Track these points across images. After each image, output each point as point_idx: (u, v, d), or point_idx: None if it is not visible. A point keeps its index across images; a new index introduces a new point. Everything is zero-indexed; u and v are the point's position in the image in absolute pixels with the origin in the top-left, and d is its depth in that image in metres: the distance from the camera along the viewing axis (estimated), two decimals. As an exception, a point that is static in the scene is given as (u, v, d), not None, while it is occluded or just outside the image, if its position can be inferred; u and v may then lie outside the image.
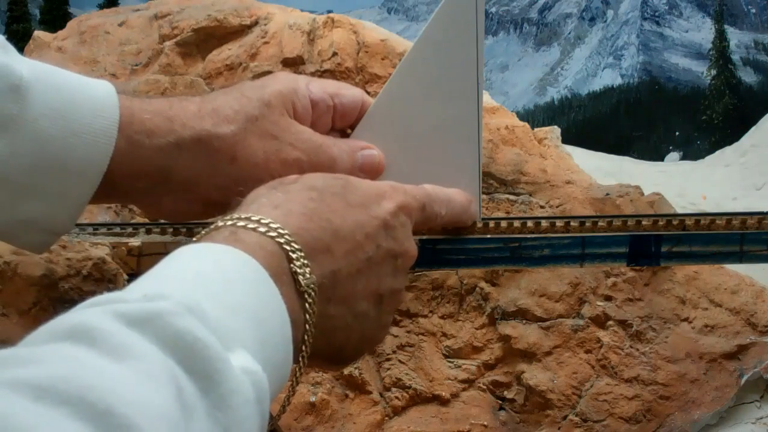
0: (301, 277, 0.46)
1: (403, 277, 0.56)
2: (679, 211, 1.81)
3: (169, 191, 0.64)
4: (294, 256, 0.46)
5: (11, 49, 0.59)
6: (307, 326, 0.47)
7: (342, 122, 0.70)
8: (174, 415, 0.31)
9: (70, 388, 0.28)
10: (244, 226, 0.47)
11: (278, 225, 0.47)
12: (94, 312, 0.34)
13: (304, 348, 0.47)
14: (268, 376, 0.39)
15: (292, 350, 0.44)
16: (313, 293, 0.47)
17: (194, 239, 0.47)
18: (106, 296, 0.36)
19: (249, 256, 0.44)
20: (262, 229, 0.46)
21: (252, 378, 0.37)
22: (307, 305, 0.47)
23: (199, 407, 0.33)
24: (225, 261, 0.43)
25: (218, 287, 0.40)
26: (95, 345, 0.31)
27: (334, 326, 0.51)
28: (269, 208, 0.49)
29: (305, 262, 0.47)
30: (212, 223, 0.48)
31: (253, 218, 0.47)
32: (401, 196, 0.56)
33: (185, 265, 0.42)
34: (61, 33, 1.93)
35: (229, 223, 0.47)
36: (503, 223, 0.67)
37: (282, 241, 0.46)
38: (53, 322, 0.34)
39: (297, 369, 0.47)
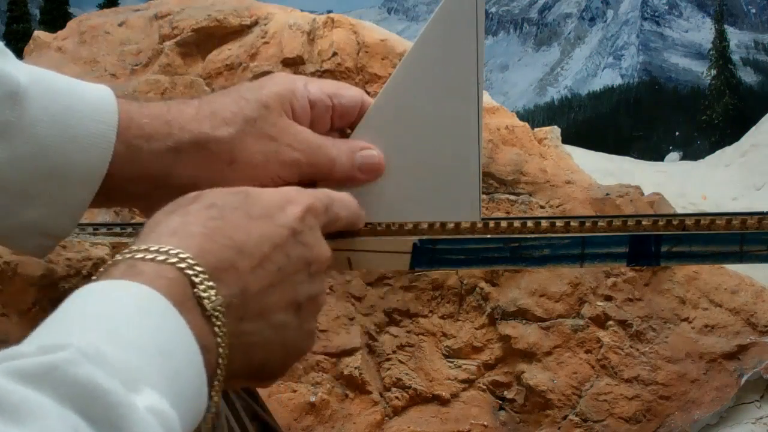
0: (206, 301, 0.45)
1: (320, 281, 0.55)
2: (679, 211, 1.81)
3: (169, 195, 0.64)
4: (197, 280, 0.45)
5: (9, 54, 0.59)
6: (220, 349, 0.45)
7: (341, 122, 0.70)
8: None
9: None
10: (142, 258, 0.45)
11: (178, 250, 0.45)
12: None
13: (219, 372, 0.45)
14: (181, 410, 0.38)
15: (205, 378, 0.43)
16: (220, 315, 0.45)
17: (93, 277, 0.46)
18: (1, 353, 0.35)
19: (149, 287, 0.43)
20: (161, 258, 0.45)
21: (160, 418, 0.36)
22: (216, 329, 0.45)
23: None
24: (124, 297, 0.42)
25: (118, 326, 0.39)
26: None
27: (252, 342, 0.49)
28: (168, 236, 0.48)
29: (210, 284, 0.45)
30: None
31: (151, 248, 0.45)
32: (306, 198, 0.55)
33: (82, 307, 0.41)
34: (61, 33, 1.92)
35: (128, 256, 0.45)
36: (503, 223, 0.67)
37: (183, 266, 0.45)
38: None
39: (214, 393, 0.45)
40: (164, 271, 0.45)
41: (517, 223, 0.67)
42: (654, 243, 0.62)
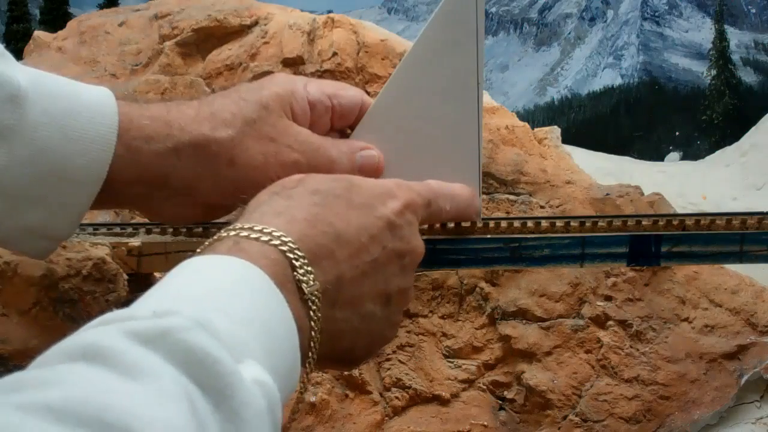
0: (305, 285, 0.46)
1: (411, 275, 0.56)
2: (679, 211, 1.81)
3: (169, 196, 0.64)
4: (297, 264, 0.46)
5: (9, 57, 0.59)
6: (312, 333, 0.47)
7: (341, 123, 0.70)
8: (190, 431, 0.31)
9: (87, 409, 0.28)
10: (246, 236, 0.46)
11: (281, 233, 0.47)
12: (105, 331, 0.34)
13: (310, 354, 0.47)
14: (278, 384, 0.39)
15: (299, 357, 0.44)
16: (317, 300, 0.47)
17: (198, 250, 0.47)
18: (115, 314, 0.36)
19: (253, 265, 0.44)
20: (265, 238, 0.46)
21: (263, 388, 0.37)
22: (311, 312, 0.47)
23: (211, 422, 0.33)
24: (230, 272, 0.43)
25: (225, 299, 0.40)
26: (109, 365, 0.32)
27: (341, 329, 0.51)
28: (272, 216, 0.49)
29: (309, 269, 0.47)
30: (214, 230, 0.48)
31: (255, 228, 0.47)
32: (406, 193, 0.56)
33: (191, 279, 0.42)
34: (61, 33, 1.92)
35: (232, 233, 0.47)
36: (503, 223, 0.67)
37: (285, 249, 0.46)
38: (65, 342, 0.34)
39: (305, 375, 0.47)
40: (267, 251, 0.46)
41: (517, 223, 0.67)
42: (654, 243, 0.62)
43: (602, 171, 2.33)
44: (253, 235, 0.46)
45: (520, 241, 0.64)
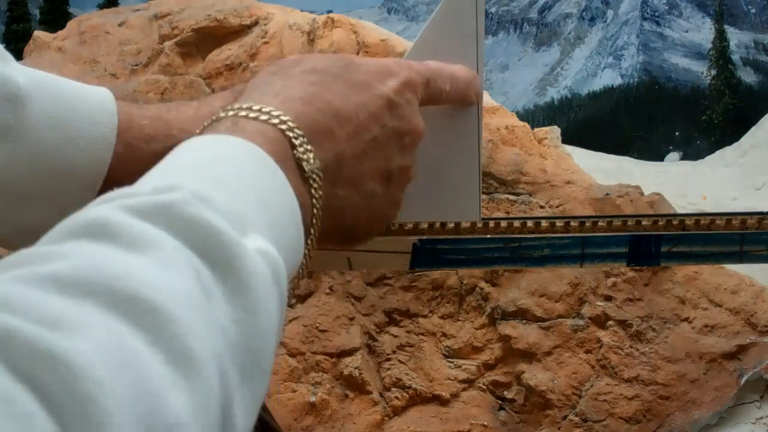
0: (305, 163, 0.46)
1: (412, 154, 0.56)
2: (679, 211, 1.81)
3: None
4: (297, 142, 0.46)
5: (9, 57, 0.59)
6: (314, 210, 0.47)
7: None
8: (197, 298, 0.32)
9: (93, 279, 0.29)
10: (245, 116, 0.46)
11: (279, 112, 0.47)
12: (107, 207, 0.34)
13: (312, 231, 0.47)
14: (282, 257, 0.39)
15: (302, 232, 0.44)
16: (318, 178, 0.47)
17: (197, 131, 0.48)
18: (117, 192, 0.36)
19: (253, 144, 0.44)
20: (264, 117, 0.46)
21: (267, 259, 0.37)
22: (312, 190, 0.47)
23: (217, 292, 0.33)
24: (230, 150, 0.44)
25: (225, 174, 0.41)
26: (113, 239, 0.32)
27: (342, 207, 0.51)
28: (270, 96, 0.49)
29: (308, 147, 0.47)
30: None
31: (254, 107, 0.47)
32: (406, 71, 0.56)
33: (191, 156, 0.43)
34: (61, 33, 1.93)
35: (231, 113, 0.47)
36: (503, 223, 0.67)
37: (284, 128, 0.46)
38: (67, 221, 0.34)
39: (307, 251, 0.47)
40: (266, 130, 0.46)
41: (517, 223, 0.67)
42: (654, 243, 0.62)
43: (602, 171, 2.33)
44: (252, 115, 0.46)
45: (520, 241, 0.64)
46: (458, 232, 0.66)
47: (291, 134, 0.46)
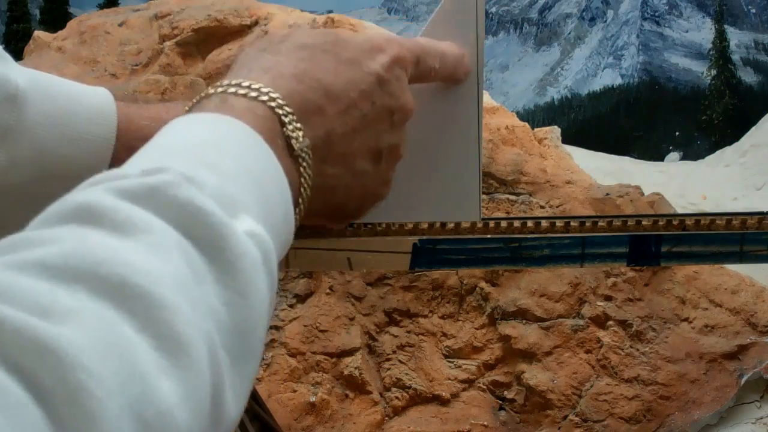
0: (294, 141, 0.46)
1: (402, 132, 0.56)
2: (679, 211, 1.81)
3: None
4: (286, 119, 0.46)
5: (7, 57, 0.59)
6: (302, 189, 0.47)
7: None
8: (187, 282, 0.31)
9: (81, 265, 0.29)
10: (234, 93, 0.46)
11: (269, 89, 0.47)
12: (95, 191, 0.34)
13: (298, 209, 0.47)
14: (272, 237, 0.39)
15: (292, 211, 0.44)
16: (307, 157, 0.47)
17: (186, 109, 0.47)
18: (105, 174, 0.36)
19: (241, 122, 0.44)
20: (253, 94, 0.46)
21: (256, 239, 0.37)
22: (302, 169, 0.47)
23: (207, 275, 0.33)
24: (218, 129, 0.43)
25: (214, 154, 0.40)
26: (102, 223, 0.32)
27: (332, 185, 0.51)
28: (259, 72, 0.49)
29: (298, 125, 0.47)
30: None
31: (243, 84, 0.46)
32: (396, 48, 0.55)
33: (179, 136, 0.42)
34: (61, 33, 1.93)
35: (219, 90, 0.46)
36: (503, 223, 0.67)
37: (274, 105, 0.46)
38: (56, 204, 0.34)
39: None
40: (255, 107, 0.45)
41: (517, 223, 0.67)
42: (654, 243, 0.61)
43: (602, 171, 2.33)
44: (241, 91, 0.46)
45: (520, 241, 0.64)
46: (458, 232, 0.66)
47: (280, 111, 0.46)
